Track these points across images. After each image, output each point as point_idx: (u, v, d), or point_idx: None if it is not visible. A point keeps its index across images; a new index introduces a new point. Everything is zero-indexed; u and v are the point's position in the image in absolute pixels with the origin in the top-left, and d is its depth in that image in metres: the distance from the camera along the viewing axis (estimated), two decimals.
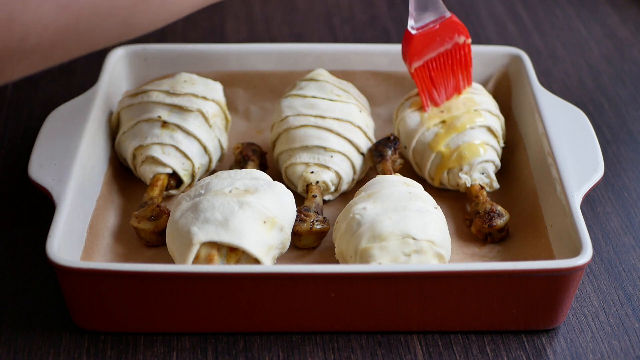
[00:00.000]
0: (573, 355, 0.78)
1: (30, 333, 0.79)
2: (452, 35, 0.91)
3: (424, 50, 0.90)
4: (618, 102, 1.11)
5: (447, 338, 0.79)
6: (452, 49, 0.91)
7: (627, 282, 0.85)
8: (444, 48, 0.91)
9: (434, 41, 0.90)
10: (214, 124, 0.93)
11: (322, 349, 0.78)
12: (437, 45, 0.91)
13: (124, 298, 0.76)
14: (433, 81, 0.92)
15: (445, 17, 0.90)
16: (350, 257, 0.80)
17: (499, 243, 0.87)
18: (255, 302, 0.76)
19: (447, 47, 0.91)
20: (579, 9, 1.31)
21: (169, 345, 0.78)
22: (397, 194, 0.82)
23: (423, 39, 0.90)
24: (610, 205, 0.94)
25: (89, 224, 0.84)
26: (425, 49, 0.90)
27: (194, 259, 0.78)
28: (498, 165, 0.92)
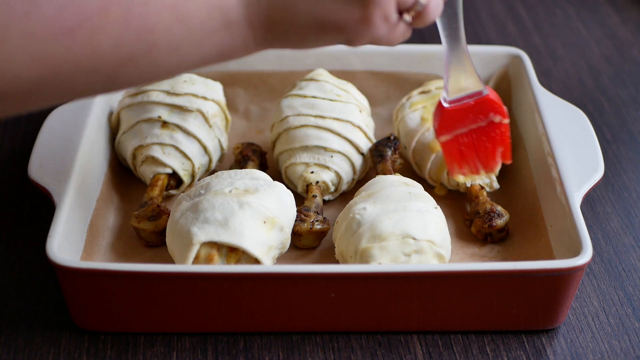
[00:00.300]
0: (573, 355, 0.78)
1: (30, 333, 0.79)
2: (486, 113, 0.85)
3: (454, 125, 0.86)
4: (618, 102, 1.11)
5: (447, 338, 0.79)
6: (486, 126, 0.86)
7: (627, 282, 0.85)
8: (477, 125, 0.86)
9: (466, 117, 0.85)
10: (214, 124, 0.93)
11: (322, 349, 0.78)
12: (469, 122, 0.86)
13: (124, 298, 0.76)
14: (463, 155, 0.87)
15: (482, 95, 0.85)
16: (350, 257, 0.80)
17: (499, 243, 0.87)
18: (255, 302, 0.76)
19: (481, 124, 0.86)
20: (579, 9, 1.31)
21: (169, 345, 0.78)
22: (397, 194, 0.82)
23: (454, 114, 0.85)
24: (610, 205, 0.94)
25: (89, 224, 0.84)
26: (456, 123, 0.86)
27: (194, 259, 0.78)
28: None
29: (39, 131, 0.89)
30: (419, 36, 1.24)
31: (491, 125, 0.86)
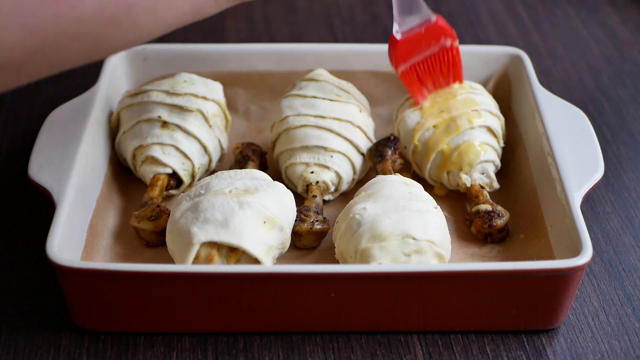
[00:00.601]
0: (573, 355, 0.78)
1: (30, 333, 0.79)
2: (437, 38, 0.91)
3: (410, 54, 0.91)
4: (618, 102, 1.11)
5: (447, 338, 0.79)
6: (439, 52, 0.92)
7: (627, 282, 0.85)
8: (431, 51, 0.91)
9: (420, 45, 0.91)
10: (214, 124, 0.93)
11: (322, 349, 0.78)
12: (422, 49, 0.91)
13: (124, 298, 0.76)
14: (421, 81, 0.93)
15: (431, 21, 0.90)
16: (350, 257, 0.80)
17: (499, 243, 0.87)
18: (255, 302, 0.76)
19: (434, 50, 0.91)
20: (579, 9, 1.31)
21: (169, 345, 0.78)
22: (397, 194, 0.82)
23: (408, 43, 0.90)
24: (610, 205, 0.94)
25: (89, 224, 0.84)
26: (411, 52, 0.91)
27: (194, 259, 0.78)
28: (498, 165, 0.92)
29: (39, 131, 0.89)
30: None
31: (443, 50, 0.92)
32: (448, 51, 0.92)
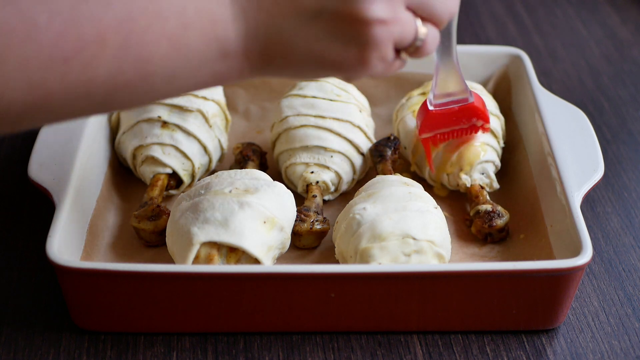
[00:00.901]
0: (573, 355, 0.78)
1: (30, 333, 0.79)
2: (470, 118, 0.88)
3: (437, 126, 0.88)
4: (618, 102, 1.11)
5: (447, 338, 0.79)
6: (467, 128, 0.89)
7: (627, 282, 0.85)
8: (459, 127, 0.89)
9: (450, 120, 0.88)
10: (214, 124, 0.93)
11: (322, 349, 0.78)
12: (451, 124, 0.88)
13: (124, 298, 0.76)
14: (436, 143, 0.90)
15: (468, 101, 0.87)
16: (350, 257, 0.80)
17: (499, 243, 0.87)
18: (255, 302, 0.76)
19: (463, 126, 0.89)
20: (579, 9, 1.31)
21: (169, 345, 0.78)
22: (397, 194, 0.82)
23: (438, 115, 0.87)
24: (610, 205, 0.94)
25: (89, 224, 0.84)
26: (439, 125, 0.88)
27: (194, 259, 0.78)
28: (498, 166, 0.92)
29: (39, 131, 0.89)
30: None
31: (472, 128, 0.89)
32: (477, 129, 0.89)
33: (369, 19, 0.60)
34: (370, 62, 0.62)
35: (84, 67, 0.56)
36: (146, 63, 0.58)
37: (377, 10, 0.60)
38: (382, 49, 0.62)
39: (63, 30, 0.55)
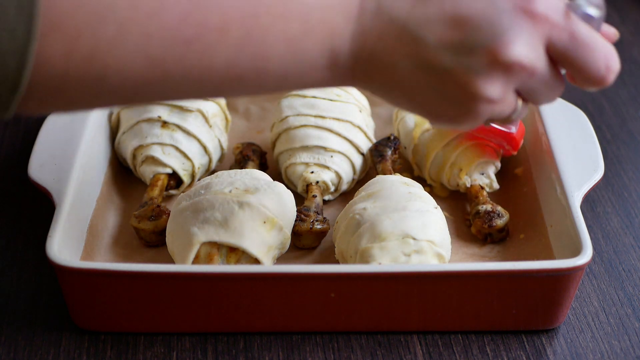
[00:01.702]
0: (573, 355, 0.78)
1: (30, 333, 0.79)
2: (504, 140, 0.90)
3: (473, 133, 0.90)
4: (618, 102, 1.11)
5: (447, 338, 0.79)
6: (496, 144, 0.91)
7: (627, 282, 0.85)
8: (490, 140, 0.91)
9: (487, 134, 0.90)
10: (214, 124, 0.93)
11: (322, 349, 0.78)
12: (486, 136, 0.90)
13: (124, 298, 0.76)
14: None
15: (510, 131, 0.88)
16: (350, 257, 0.80)
17: (499, 243, 0.87)
18: (255, 302, 0.76)
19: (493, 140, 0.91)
20: None
21: (169, 345, 0.78)
22: (397, 194, 0.82)
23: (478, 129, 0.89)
24: (610, 205, 0.94)
25: (89, 224, 0.84)
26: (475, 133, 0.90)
27: (194, 259, 0.78)
28: (498, 166, 0.92)
29: (39, 131, 0.89)
30: None
31: (500, 145, 0.91)
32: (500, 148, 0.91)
33: (481, 95, 0.60)
34: (462, 124, 0.63)
35: (202, 52, 0.56)
36: (262, 60, 0.58)
37: (491, 91, 0.60)
38: (479, 120, 0.63)
39: (188, 13, 0.55)
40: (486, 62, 0.59)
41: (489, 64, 0.59)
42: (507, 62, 0.59)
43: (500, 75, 0.59)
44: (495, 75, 0.59)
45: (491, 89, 0.60)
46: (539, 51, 0.60)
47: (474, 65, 0.59)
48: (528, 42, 0.59)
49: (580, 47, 0.60)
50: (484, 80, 0.59)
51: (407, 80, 0.61)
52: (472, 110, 0.61)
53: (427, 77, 0.60)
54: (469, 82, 0.59)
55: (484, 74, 0.59)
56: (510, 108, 0.63)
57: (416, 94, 0.62)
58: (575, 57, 0.60)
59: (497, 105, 0.61)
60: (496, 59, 0.58)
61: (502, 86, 0.60)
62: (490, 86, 0.60)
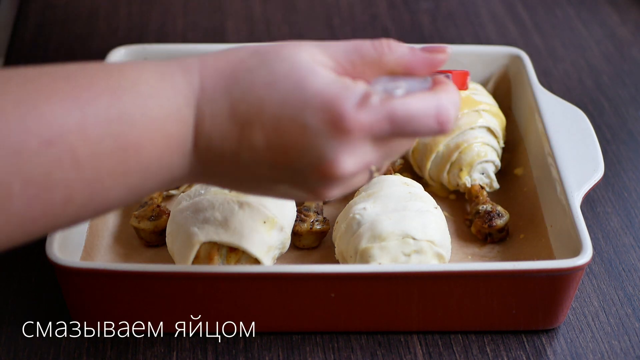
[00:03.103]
0: (573, 355, 0.78)
1: (30, 333, 0.79)
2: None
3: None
4: (618, 102, 1.11)
5: (447, 338, 0.79)
6: None
7: (627, 282, 0.85)
8: None
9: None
10: None
11: (322, 349, 0.78)
12: None
13: (124, 298, 0.76)
14: None
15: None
16: (350, 257, 0.80)
17: (499, 243, 0.87)
18: (255, 302, 0.76)
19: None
20: (579, 9, 1.31)
21: (169, 345, 0.78)
22: (397, 194, 0.82)
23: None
24: (610, 205, 0.94)
25: (89, 224, 0.84)
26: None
27: (194, 259, 0.78)
28: (498, 166, 0.92)
29: None
30: (419, 36, 1.24)
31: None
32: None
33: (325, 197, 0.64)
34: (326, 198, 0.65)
35: (48, 223, 0.58)
36: (104, 209, 0.61)
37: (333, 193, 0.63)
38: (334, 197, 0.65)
39: (34, 197, 0.56)
40: (319, 179, 0.61)
41: (322, 180, 0.61)
42: (338, 177, 0.61)
43: (337, 183, 0.62)
44: (332, 184, 0.62)
45: (333, 192, 0.63)
46: (366, 151, 0.61)
47: (309, 182, 0.62)
48: (351, 154, 0.60)
49: (405, 125, 0.61)
50: (324, 189, 0.62)
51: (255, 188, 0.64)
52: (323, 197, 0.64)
53: (273, 185, 0.63)
54: (310, 189, 0.63)
55: (321, 186, 0.62)
56: (364, 181, 0.65)
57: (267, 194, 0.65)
58: (406, 133, 0.61)
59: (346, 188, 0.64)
60: (327, 177, 0.61)
61: (343, 187, 0.63)
62: (331, 191, 0.63)
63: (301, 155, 0.60)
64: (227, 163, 0.62)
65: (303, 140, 0.60)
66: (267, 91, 0.60)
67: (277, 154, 0.60)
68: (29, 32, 1.24)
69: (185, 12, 1.28)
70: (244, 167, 0.62)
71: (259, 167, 0.61)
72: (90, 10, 1.29)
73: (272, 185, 0.63)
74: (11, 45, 1.20)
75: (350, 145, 0.60)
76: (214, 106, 0.60)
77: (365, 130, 0.60)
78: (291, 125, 0.60)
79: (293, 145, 0.60)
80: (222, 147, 0.61)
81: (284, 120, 0.60)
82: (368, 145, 0.61)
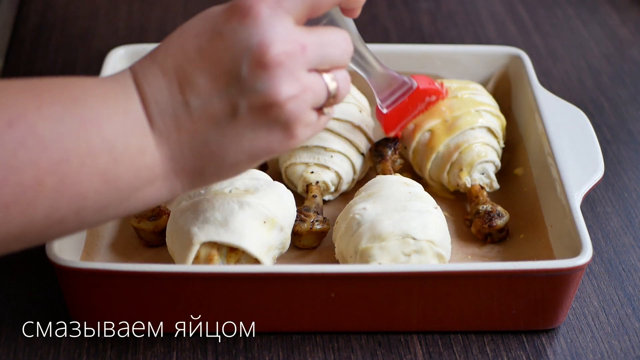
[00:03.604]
0: (573, 355, 0.78)
1: (30, 333, 0.79)
2: (422, 99, 0.91)
3: (398, 121, 0.92)
4: (618, 102, 1.11)
5: (447, 338, 0.79)
6: (425, 107, 0.92)
7: (627, 282, 0.85)
8: (418, 110, 0.92)
9: (406, 110, 0.91)
10: None
11: (322, 349, 0.78)
12: (409, 112, 0.91)
13: (124, 298, 0.76)
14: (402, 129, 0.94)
15: (413, 88, 0.89)
16: (350, 257, 0.80)
17: (499, 243, 0.87)
18: (255, 302, 0.76)
19: (421, 108, 0.91)
20: (579, 9, 1.31)
21: (169, 345, 0.78)
22: (397, 194, 0.82)
23: (394, 113, 0.90)
24: (610, 205, 0.94)
25: None
26: (399, 119, 0.92)
27: (194, 259, 0.78)
28: (498, 166, 0.92)
29: None
30: (419, 36, 1.24)
31: (429, 104, 0.92)
32: (435, 102, 0.92)
33: (279, 101, 0.62)
34: (297, 134, 0.64)
35: (22, 211, 0.58)
36: (80, 199, 0.60)
37: (284, 89, 0.62)
38: (303, 119, 0.64)
39: (3, 179, 0.57)
40: (259, 73, 0.61)
41: (262, 73, 0.61)
42: (274, 60, 0.61)
43: (280, 73, 0.62)
44: (276, 76, 0.62)
45: (283, 88, 0.62)
46: (290, 28, 0.62)
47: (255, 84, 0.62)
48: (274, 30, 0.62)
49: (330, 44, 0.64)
50: (272, 87, 0.62)
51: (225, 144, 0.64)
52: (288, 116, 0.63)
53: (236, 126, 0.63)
54: (263, 99, 0.62)
55: (267, 84, 0.62)
56: (321, 88, 0.65)
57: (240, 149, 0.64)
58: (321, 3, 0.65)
59: (303, 95, 0.63)
60: (263, 64, 0.61)
61: (290, 79, 0.62)
62: (280, 87, 0.62)
63: (232, 59, 0.61)
64: (184, 122, 0.63)
65: (225, 45, 0.62)
66: (182, 38, 0.64)
67: (215, 76, 0.62)
68: (29, 32, 1.24)
69: (185, 12, 1.28)
70: (200, 117, 0.62)
71: (212, 105, 0.62)
72: (90, 10, 1.29)
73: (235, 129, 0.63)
74: (11, 46, 1.21)
75: (269, 23, 0.61)
76: (147, 76, 0.63)
77: (280, 7, 0.62)
78: (211, 43, 0.62)
79: (221, 57, 0.62)
80: (172, 105, 0.62)
81: (204, 45, 0.62)
82: (287, 21, 0.62)
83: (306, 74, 0.63)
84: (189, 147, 0.63)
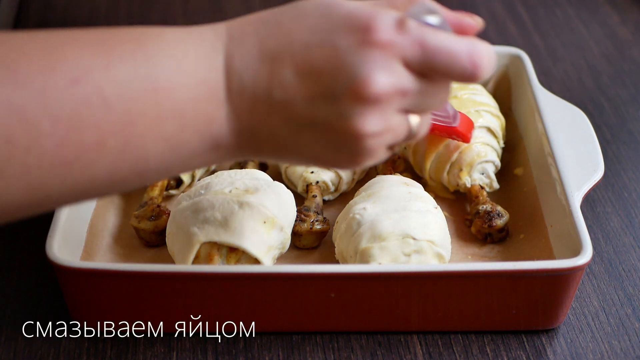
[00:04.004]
0: (573, 355, 0.78)
1: (30, 333, 0.79)
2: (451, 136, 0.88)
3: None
4: (618, 102, 1.11)
5: (447, 338, 0.79)
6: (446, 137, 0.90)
7: (627, 282, 0.85)
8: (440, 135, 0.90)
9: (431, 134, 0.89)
10: None
11: (322, 349, 0.78)
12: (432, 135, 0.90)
13: (124, 298, 0.76)
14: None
15: (451, 124, 0.87)
16: (350, 257, 0.80)
17: (499, 243, 0.87)
18: (255, 302, 0.76)
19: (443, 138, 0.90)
20: (579, 9, 1.31)
21: (169, 345, 0.78)
22: (397, 194, 0.82)
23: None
24: (610, 205, 0.94)
25: (89, 224, 0.84)
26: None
27: (194, 258, 0.78)
28: (498, 166, 0.92)
29: None
30: None
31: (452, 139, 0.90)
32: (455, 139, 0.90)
33: (362, 133, 0.60)
34: (363, 164, 0.63)
35: (83, 170, 0.57)
36: (143, 162, 0.59)
37: (370, 126, 0.60)
38: (375, 156, 0.63)
39: (65, 137, 0.55)
40: (354, 103, 0.59)
41: (357, 103, 0.59)
42: (373, 97, 0.58)
43: (373, 109, 0.59)
44: (367, 111, 0.59)
45: (370, 125, 0.60)
46: (399, 72, 0.59)
47: (344, 110, 0.59)
48: (384, 70, 0.58)
49: (437, 55, 0.59)
50: (359, 119, 0.59)
51: (292, 142, 0.61)
52: (361, 149, 0.61)
53: (309, 133, 0.61)
54: (346, 126, 0.59)
55: (356, 114, 0.59)
56: (403, 131, 0.63)
57: (305, 152, 0.62)
58: (435, 65, 0.59)
59: (385, 135, 0.61)
60: (361, 97, 0.58)
61: (380, 118, 0.60)
62: (367, 123, 0.59)
63: (333, 78, 0.58)
64: (261, 108, 0.60)
65: (334, 62, 0.58)
66: (295, 24, 0.59)
67: (309, 83, 0.59)
68: None
69: (185, 12, 1.28)
70: (278, 111, 0.60)
71: (293, 106, 0.59)
72: (90, 10, 1.29)
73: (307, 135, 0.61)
74: None
75: (382, 60, 0.58)
76: (242, 48, 0.60)
77: (396, 48, 0.58)
78: (321, 50, 0.58)
79: (324, 69, 0.58)
80: (255, 88, 0.59)
81: (313, 47, 0.58)
82: (401, 67, 0.59)
83: (395, 115, 0.61)
84: (257, 132, 0.61)
